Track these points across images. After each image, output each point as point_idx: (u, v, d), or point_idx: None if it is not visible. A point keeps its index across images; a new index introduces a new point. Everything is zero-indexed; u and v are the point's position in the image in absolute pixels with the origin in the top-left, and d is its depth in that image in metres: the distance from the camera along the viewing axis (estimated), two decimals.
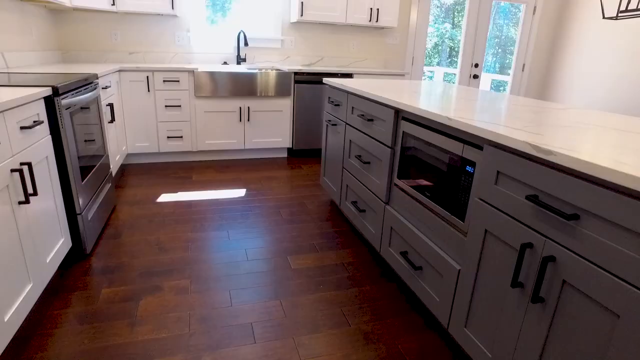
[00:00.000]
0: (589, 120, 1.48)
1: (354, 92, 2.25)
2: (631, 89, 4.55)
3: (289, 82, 3.81)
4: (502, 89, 5.79)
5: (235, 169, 3.69)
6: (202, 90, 3.60)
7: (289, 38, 4.32)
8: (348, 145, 2.40)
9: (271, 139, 3.94)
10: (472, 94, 2.24)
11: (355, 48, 4.59)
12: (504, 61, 5.71)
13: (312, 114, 3.99)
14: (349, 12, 4.10)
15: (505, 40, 5.55)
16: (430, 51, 5.51)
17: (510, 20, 5.53)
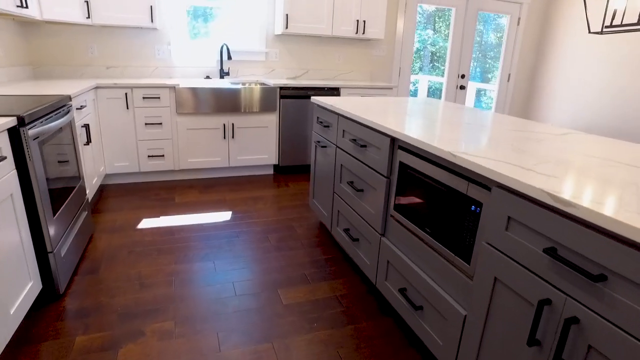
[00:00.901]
0: (597, 151, 1.41)
1: (345, 115, 2.15)
2: (614, 101, 4.58)
3: (274, 97, 3.69)
4: (488, 102, 5.79)
5: (219, 188, 3.54)
6: (184, 107, 3.45)
7: (274, 51, 4.20)
8: (339, 169, 2.29)
9: (256, 156, 3.82)
10: (465, 115, 2.16)
11: (341, 60, 4.50)
12: (489, 69, 5.71)
13: (298, 129, 3.88)
14: (335, 25, 4.01)
15: (488, 47, 5.55)
16: (413, 57, 5.47)
17: (495, 29, 5.53)
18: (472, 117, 2.10)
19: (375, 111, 2.15)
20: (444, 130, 1.68)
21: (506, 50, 5.33)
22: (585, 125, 4.94)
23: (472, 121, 1.97)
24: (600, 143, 1.61)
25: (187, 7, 3.88)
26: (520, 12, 5.20)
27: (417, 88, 5.68)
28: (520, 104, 5.72)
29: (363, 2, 4.04)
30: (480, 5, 4.97)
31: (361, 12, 4.06)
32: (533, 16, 5.33)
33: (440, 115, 2.13)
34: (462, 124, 1.86)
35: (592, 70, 4.80)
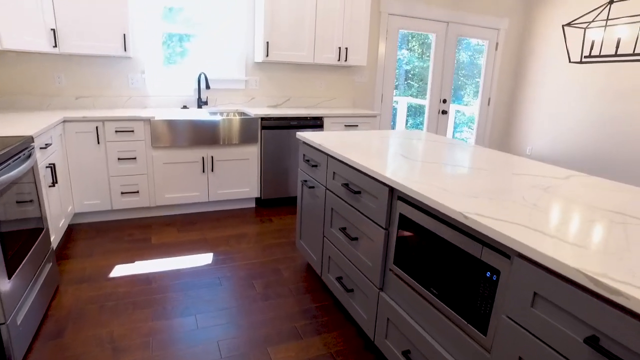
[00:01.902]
0: (614, 202, 1.31)
1: (335, 157, 2.02)
2: (593, 127, 4.64)
3: (255, 128, 3.54)
4: (469, 123, 5.80)
5: (199, 225, 3.34)
6: (160, 140, 3.26)
7: (254, 78, 4.07)
8: (329, 212, 2.15)
9: (238, 190, 3.64)
10: (460, 155, 2.06)
11: (323, 87, 4.41)
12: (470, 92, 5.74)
13: (280, 160, 3.73)
14: (317, 52, 3.92)
15: (469, 70, 5.58)
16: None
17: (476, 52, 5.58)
18: (468, 158, 2.00)
19: (366, 150, 2.03)
20: (445, 178, 1.57)
21: (485, 75, 5.37)
22: (565, 149, 4.98)
23: (469, 163, 1.87)
24: (613, 190, 1.52)
25: (163, 34, 3.73)
26: (497, 37, 5.26)
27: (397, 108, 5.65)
28: (500, 128, 5.75)
29: (345, 29, 3.98)
30: (460, 31, 5.00)
31: (343, 39, 3.99)
32: (510, 42, 5.40)
33: (434, 156, 2.03)
34: (461, 168, 1.76)
35: (572, 96, 4.87)
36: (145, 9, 3.56)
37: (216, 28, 3.89)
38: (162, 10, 3.67)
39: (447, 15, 4.82)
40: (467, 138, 5.98)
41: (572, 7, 4.80)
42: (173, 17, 3.75)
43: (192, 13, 3.79)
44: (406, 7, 4.55)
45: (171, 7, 3.71)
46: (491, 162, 1.92)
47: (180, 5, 3.73)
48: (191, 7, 3.76)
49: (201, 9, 3.79)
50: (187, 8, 3.76)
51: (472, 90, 5.65)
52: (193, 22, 3.82)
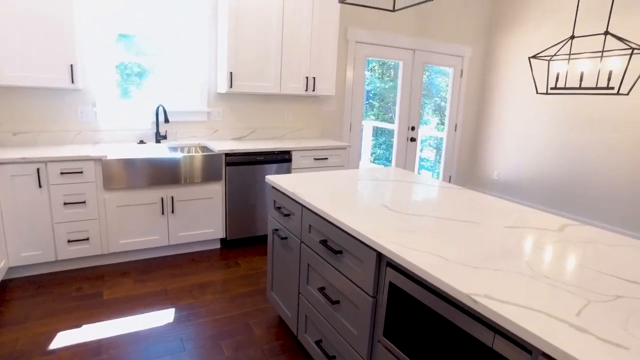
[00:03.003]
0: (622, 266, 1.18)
1: (311, 209, 1.82)
2: (557, 153, 4.72)
3: (219, 164, 3.30)
4: (439, 145, 5.80)
5: (159, 273, 3.03)
6: (114, 181, 2.95)
7: (217, 110, 3.84)
8: (305, 269, 1.94)
9: (201, 231, 3.36)
10: (443, 199, 1.93)
11: (291, 117, 4.24)
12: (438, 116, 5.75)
13: (247, 198, 3.50)
14: (284, 82, 3.75)
15: (436, 92, 5.59)
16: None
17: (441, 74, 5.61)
18: (453, 205, 1.86)
19: (344, 199, 1.85)
20: (438, 239, 1.40)
21: (452, 101, 5.39)
22: (531, 174, 5.03)
23: (457, 214, 1.72)
24: (620, 247, 1.40)
25: (117, 64, 3.44)
26: (462, 64, 5.31)
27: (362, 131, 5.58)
28: (467, 153, 5.78)
29: (312, 59, 3.85)
30: (426, 58, 5.00)
31: (310, 69, 3.86)
32: (474, 69, 5.48)
33: (419, 205, 1.87)
34: (451, 222, 1.61)
35: (536, 123, 4.95)
36: (97, 38, 3.28)
37: (176, 58, 3.65)
38: (116, 38, 3.40)
39: (413, 43, 4.82)
40: (429, 158, 5.97)
41: (531, 36, 4.92)
42: (129, 46, 3.48)
43: (150, 42, 3.54)
44: (373, 35, 4.50)
45: (126, 35, 3.44)
46: (478, 211, 1.79)
47: (137, 34, 3.47)
48: (149, 36, 3.51)
49: (160, 37, 3.55)
50: (144, 36, 3.50)
51: (440, 116, 5.67)
52: (151, 52, 3.57)
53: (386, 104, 6.31)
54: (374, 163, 7.02)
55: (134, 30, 3.44)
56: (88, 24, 3.23)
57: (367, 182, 2.26)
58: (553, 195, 4.84)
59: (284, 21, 3.64)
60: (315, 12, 3.77)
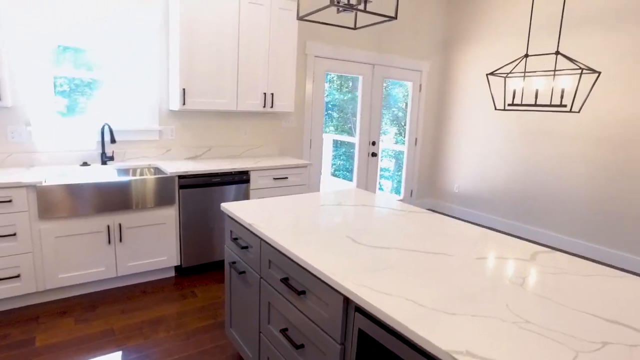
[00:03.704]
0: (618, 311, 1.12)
1: (270, 243, 1.67)
2: (516, 167, 4.82)
3: (171, 187, 3.07)
4: (400, 159, 5.80)
5: (105, 309, 2.75)
6: (51, 210, 2.66)
7: (169, 128, 3.61)
8: (266, 307, 1.78)
9: (153, 259, 3.11)
10: (409, 227, 1.83)
11: (248, 134, 4.06)
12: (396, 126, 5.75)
13: (203, 221, 3.28)
14: (240, 99, 3.59)
15: (392, 100, 5.60)
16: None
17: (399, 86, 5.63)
18: (420, 234, 1.77)
19: (305, 230, 1.71)
20: (409, 278, 1.29)
21: (411, 115, 5.42)
22: (490, 187, 5.12)
23: (426, 245, 1.63)
24: (587, 277, 1.35)
25: (55, 79, 3.15)
26: (421, 79, 5.36)
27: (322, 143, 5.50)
28: (428, 166, 5.82)
29: (270, 75, 3.71)
30: (385, 73, 4.99)
31: (268, 85, 3.72)
32: (432, 84, 5.54)
33: (385, 235, 1.77)
34: (421, 256, 1.51)
35: (494, 137, 5.05)
36: (31, 50, 2.99)
37: (124, 73, 3.40)
38: (56, 51, 3.11)
39: (373, 58, 4.80)
40: (388, 168, 5.97)
41: (487, 50, 5.04)
42: (71, 60, 3.20)
43: (95, 55, 3.27)
44: (332, 50, 4.43)
45: (68, 47, 3.16)
46: (446, 239, 1.70)
47: (79, 46, 3.20)
48: (93, 49, 3.25)
49: (106, 50, 3.29)
50: (88, 49, 3.24)
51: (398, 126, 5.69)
52: (96, 66, 3.30)
53: (345, 115, 6.28)
54: (335, 176, 6.96)
55: (76, 42, 3.17)
56: (21, 34, 2.94)
57: (330, 208, 2.14)
58: (512, 207, 4.93)
59: (240, 35, 3.49)
60: (272, 27, 3.65)
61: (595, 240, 4.26)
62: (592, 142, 4.18)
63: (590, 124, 4.18)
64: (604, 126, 4.10)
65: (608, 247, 4.17)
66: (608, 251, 4.16)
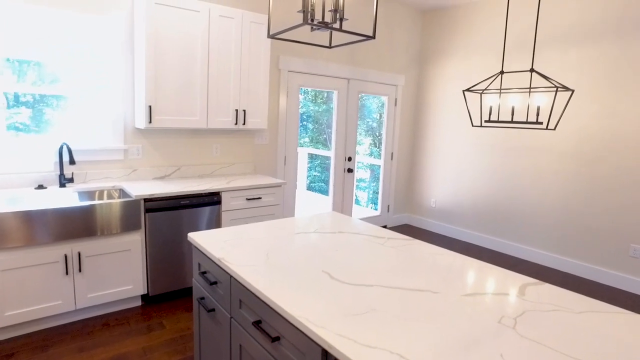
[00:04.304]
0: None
1: (241, 282, 1.52)
2: (490, 181, 4.83)
3: (137, 211, 2.88)
4: (376, 173, 5.73)
5: (61, 348, 2.51)
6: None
7: (135, 147, 3.42)
8: (237, 351, 1.62)
9: (116, 289, 2.89)
10: (392, 259, 1.73)
11: (220, 152, 3.90)
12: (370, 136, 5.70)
13: (172, 246, 3.09)
14: (211, 116, 3.43)
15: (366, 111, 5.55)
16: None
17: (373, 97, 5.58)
18: (404, 266, 1.66)
19: (278, 263, 1.58)
20: (395, 326, 1.18)
21: (387, 130, 5.37)
22: (466, 201, 5.11)
23: (409, 280, 1.52)
24: (579, 315, 1.27)
25: (5, 94, 2.92)
26: (396, 93, 5.33)
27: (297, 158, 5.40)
28: (404, 181, 5.78)
29: (242, 91, 3.58)
30: (361, 87, 4.94)
31: (240, 101, 3.58)
32: (407, 98, 5.53)
33: (366, 271, 1.65)
34: (405, 294, 1.40)
35: (469, 151, 5.05)
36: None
37: (87, 89, 3.20)
38: (5, 64, 2.89)
39: (348, 72, 4.74)
40: (364, 178, 5.91)
41: (462, 64, 5.06)
42: (25, 74, 2.98)
43: (53, 69, 3.06)
44: (306, 64, 4.34)
45: (21, 60, 2.94)
46: (431, 272, 1.60)
47: (34, 59, 2.98)
48: (51, 63, 3.04)
49: (66, 65, 3.08)
50: (45, 62, 3.02)
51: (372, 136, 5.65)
52: (55, 81, 3.08)
53: (320, 126, 6.21)
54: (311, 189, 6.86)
55: (30, 54, 2.95)
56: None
57: (305, 237, 2.01)
58: (488, 221, 4.93)
59: (209, 50, 3.35)
60: (244, 41, 3.53)
61: (569, 254, 4.28)
62: (566, 157, 4.23)
63: (564, 140, 4.23)
64: (576, 142, 4.15)
65: (581, 260, 4.20)
66: (581, 265, 4.18)
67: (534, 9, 4.36)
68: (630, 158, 3.83)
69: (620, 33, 3.81)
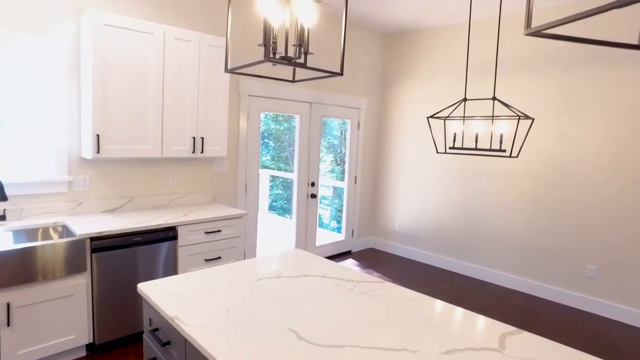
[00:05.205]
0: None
1: (198, 349, 1.34)
2: (453, 205, 4.86)
3: (81, 252, 2.61)
4: (339, 193, 5.65)
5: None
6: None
7: (81, 178, 3.14)
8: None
9: (56, 341, 2.58)
10: (361, 310, 1.61)
11: (176, 182, 3.67)
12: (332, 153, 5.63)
13: (122, 288, 2.83)
14: (166, 145, 3.22)
15: (327, 128, 5.48)
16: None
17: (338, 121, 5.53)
18: (376, 320, 1.54)
19: (239, 319, 1.41)
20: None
21: (351, 154, 5.32)
22: (430, 224, 5.11)
23: (384, 339, 1.40)
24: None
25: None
26: (359, 116, 5.31)
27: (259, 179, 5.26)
28: (369, 204, 5.73)
29: (200, 117, 3.40)
30: (323, 111, 4.87)
31: (198, 128, 3.39)
32: (370, 121, 5.52)
33: (337, 328, 1.52)
34: (383, 354, 1.27)
35: (432, 175, 5.08)
36: None
37: (25, 116, 2.91)
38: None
39: (310, 96, 4.66)
40: (327, 196, 5.83)
41: (422, 91, 5.12)
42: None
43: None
44: (267, 89, 4.22)
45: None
46: (406, 324, 1.49)
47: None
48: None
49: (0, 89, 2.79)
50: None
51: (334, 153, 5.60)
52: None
53: (282, 144, 6.10)
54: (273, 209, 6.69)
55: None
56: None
57: (268, 284, 1.85)
58: (452, 244, 4.94)
59: (165, 75, 3.16)
60: (202, 65, 3.37)
61: (531, 276, 4.34)
62: (526, 181, 4.32)
63: (524, 164, 4.33)
64: (535, 166, 4.25)
65: (543, 282, 4.26)
66: (543, 286, 4.24)
67: (494, 36, 4.49)
68: (585, 181, 3.95)
69: (574, 62, 3.97)
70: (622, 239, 3.78)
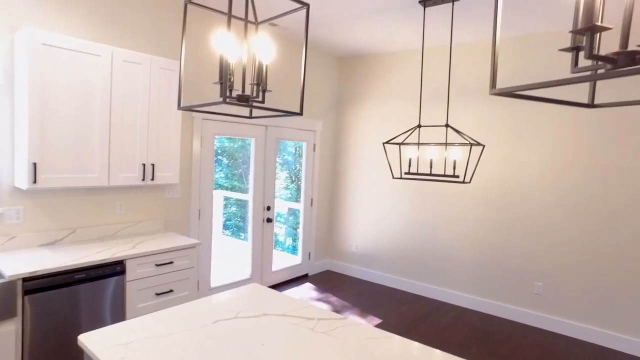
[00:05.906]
0: None
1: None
2: (408, 226, 4.94)
3: (11, 295, 2.35)
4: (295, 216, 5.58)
5: None
6: None
7: (15, 209, 2.86)
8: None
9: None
10: (329, 349, 1.54)
11: (124, 210, 3.45)
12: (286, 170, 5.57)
13: (62, 332, 2.58)
14: (113, 173, 3.03)
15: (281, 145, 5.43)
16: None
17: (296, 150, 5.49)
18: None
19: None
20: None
21: (306, 176, 5.29)
22: (387, 245, 5.15)
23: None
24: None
25: None
26: (315, 138, 5.31)
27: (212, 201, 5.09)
28: (326, 226, 5.70)
29: (151, 143, 3.23)
30: (279, 134, 4.82)
31: (148, 154, 3.23)
32: (326, 144, 5.53)
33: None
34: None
35: (388, 197, 5.14)
36: None
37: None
38: None
39: (265, 119, 4.60)
40: (282, 213, 5.76)
41: (377, 113, 5.21)
42: None
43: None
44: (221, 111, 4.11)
45: None
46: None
47: None
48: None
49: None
50: None
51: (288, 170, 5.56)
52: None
53: (236, 161, 5.97)
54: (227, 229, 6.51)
55: None
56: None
57: (225, 327, 1.75)
58: (409, 266, 5.00)
59: (112, 99, 2.99)
60: (153, 89, 3.22)
61: (485, 295, 4.47)
62: (476, 203, 4.47)
63: (474, 187, 4.48)
64: (485, 189, 4.41)
65: (496, 300, 4.39)
66: (497, 304, 4.38)
67: (447, 62, 4.66)
68: (530, 203, 4.15)
69: None
70: (564, 257, 3.98)
